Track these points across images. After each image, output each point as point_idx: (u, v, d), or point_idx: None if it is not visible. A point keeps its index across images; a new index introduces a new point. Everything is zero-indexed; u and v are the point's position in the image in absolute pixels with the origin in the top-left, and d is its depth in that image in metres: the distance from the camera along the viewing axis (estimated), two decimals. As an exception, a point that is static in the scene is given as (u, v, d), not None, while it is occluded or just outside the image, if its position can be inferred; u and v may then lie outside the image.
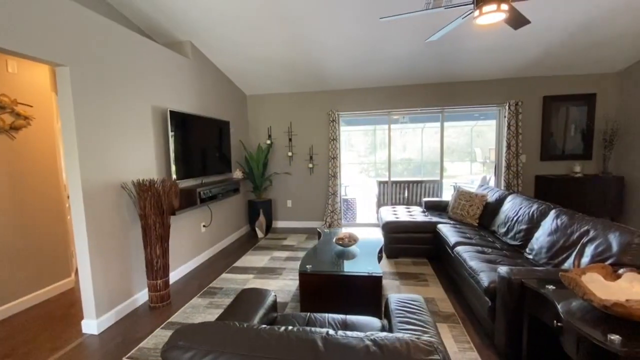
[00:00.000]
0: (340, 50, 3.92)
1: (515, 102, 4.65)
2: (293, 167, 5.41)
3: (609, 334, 1.24)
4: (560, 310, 1.47)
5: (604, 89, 4.63)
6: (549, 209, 2.66)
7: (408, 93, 5.05)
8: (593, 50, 3.98)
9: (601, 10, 3.12)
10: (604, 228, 2.05)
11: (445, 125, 5.14)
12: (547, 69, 4.52)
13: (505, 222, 3.15)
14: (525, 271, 1.88)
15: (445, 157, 8.69)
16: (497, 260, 2.47)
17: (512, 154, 4.71)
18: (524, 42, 3.74)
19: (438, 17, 3.15)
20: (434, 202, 4.51)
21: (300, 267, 2.42)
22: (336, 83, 4.95)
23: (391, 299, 1.59)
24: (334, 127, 5.09)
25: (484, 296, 2.11)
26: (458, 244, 2.91)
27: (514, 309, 1.84)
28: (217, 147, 4.13)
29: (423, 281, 3.14)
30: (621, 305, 1.28)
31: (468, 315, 2.48)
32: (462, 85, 4.91)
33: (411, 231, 3.74)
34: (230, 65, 4.36)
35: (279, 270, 3.53)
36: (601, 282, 1.56)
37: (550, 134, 4.82)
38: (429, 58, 4.14)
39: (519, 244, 2.80)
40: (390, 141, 5.34)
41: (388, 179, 5.47)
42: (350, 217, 5.91)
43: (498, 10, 1.91)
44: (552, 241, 2.36)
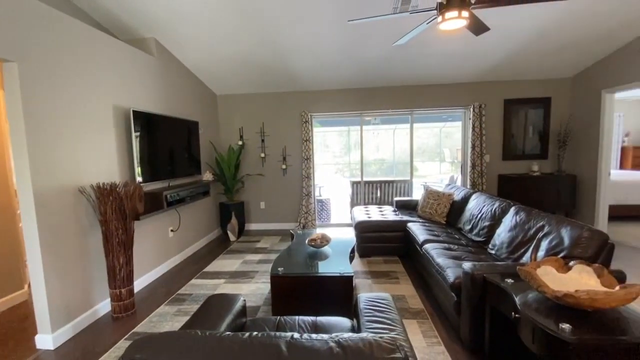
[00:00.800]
0: (311, 51, 3.92)
1: (479, 104, 4.88)
2: (266, 169, 5.35)
3: (561, 323, 1.33)
4: (517, 302, 1.55)
5: (558, 93, 4.97)
6: (509, 206, 2.81)
7: (379, 95, 5.15)
8: (547, 57, 4.26)
9: (552, 20, 3.34)
10: (557, 223, 2.20)
11: (415, 126, 5.29)
12: (507, 74, 4.78)
13: (470, 220, 3.29)
14: (487, 266, 1.97)
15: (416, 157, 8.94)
16: (463, 257, 2.57)
17: (476, 154, 4.94)
18: (485, 48, 3.93)
19: (405, 22, 3.24)
20: (404, 201, 4.63)
21: (272, 270, 2.39)
22: (309, 84, 4.96)
23: (360, 299, 1.60)
24: (307, 128, 5.09)
25: (450, 291, 2.19)
26: (426, 241, 3.01)
27: (477, 302, 1.92)
28: (186, 148, 4.00)
29: (394, 279, 3.21)
30: (571, 296, 1.37)
31: (436, 311, 2.57)
32: (430, 88, 5.08)
33: (383, 230, 3.81)
34: (199, 64, 4.23)
35: (252, 274, 3.47)
36: (554, 274, 1.66)
37: (511, 135, 5.10)
38: (398, 61, 4.25)
39: (483, 240, 2.94)
40: (362, 142, 5.42)
41: (361, 179, 5.54)
42: (325, 218, 5.94)
43: (459, 17, 2.00)
44: (512, 237, 2.50)
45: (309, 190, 5.19)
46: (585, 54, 4.21)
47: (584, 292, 1.36)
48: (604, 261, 1.91)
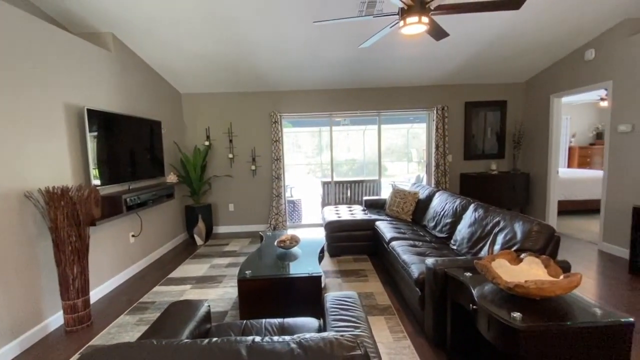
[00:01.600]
0: (279, 51, 3.90)
1: (442, 107, 5.10)
2: (234, 170, 5.23)
3: (512, 312, 1.42)
4: (475, 294, 1.64)
5: (513, 97, 5.32)
6: (469, 203, 2.96)
7: (348, 96, 5.22)
8: (503, 63, 4.54)
9: (505, 28, 3.57)
10: (511, 219, 2.35)
11: (384, 127, 5.43)
12: (468, 78, 5.04)
13: (434, 217, 3.43)
14: (448, 261, 2.06)
15: (385, 157, 9.14)
16: (427, 253, 2.67)
17: (440, 154, 5.15)
18: (446, 53, 4.12)
19: (371, 26, 3.31)
20: (373, 200, 4.73)
21: (239, 274, 2.34)
22: (277, 84, 4.92)
23: (327, 298, 1.61)
24: (277, 129, 5.05)
25: (415, 287, 2.26)
26: (393, 239, 3.09)
27: (439, 296, 2.00)
28: (148, 149, 3.81)
29: (363, 277, 3.26)
30: (521, 286, 1.47)
31: (403, 306, 2.65)
32: (396, 91, 5.23)
33: (352, 229, 3.87)
34: (161, 61, 4.05)
35: (219, 278, 3.38)
36: (507, 266, 1.77)
37: (471, 136, 5.38)
38: (365, 63, 4.33)
39: (446, 236, 3.07)
40: (332, 143, 5.46)
41: (331, 180, 5.58)
42: (296, 218, 5.92)
43: (419, 22, 2.07)
44: (471, 232, 2.64)
45: (280, 191, 5.15)
46: (535, 61, 4.54)
47: (532, 282, 1.46)
48: (551, 252, 2.06)
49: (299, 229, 5.36)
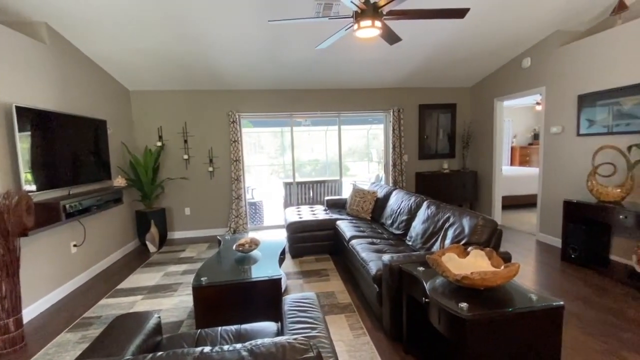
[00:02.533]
0: (236, 50, 3.79)
1: (398, 108, 5.30)
2: (190, 171, 5.00)
3: (460, 303, 1.51)
4: (427, 287, 1.72)
5: (461, 100, 5.68)
6: (423, 201, 3.11)
7: (308, 97, 5.23)
8: (452, 68, 4.84)
9: (452, 36, 3.80)
10: (459, 214, 2.50)
11: (345, 128, 5.52)
12: (421, 81, 5.29)
13: (391, 215, 3.55)
14: (403, 257, 2.14)
15: (347, 157, 9.28)
16: (384, 250, 2.76)
17: (397, 154, 5.36)
18: (400, 57, 4.29)
19: (328, 27, 3.35)
20: (334, 200, 4.78)
21: (194, 280, 2.24)
22: (235, 83, 4.79)
23: (286, 301, 1.60)
24: (235, 129, 4.91)
25: (373, 283, 2.33)
26: (353, 237, 3.15)
27: (396, 291, 2.08)
28: (92, 150, 3.51)
29: (325, 276, 3.29)
30: (467, 278, 1.57)
31: (362, 303, 2.71)
32: (355, 92, 5.35)
33: (314, 229, 3.88)
34: (106, 55, 3.75)
35: (174, 287, 3.21)
36: (456, 259, 1.88)
37: (425, 137, 5.66)
38: (323, 65, 4.37)
39: (402, 233, 3.20)
40: (293, 143, 5.44)
41: (293, 180, 5.56)
42: (258, 221, 5.80)
43: (373, 26, 2.14)
44: (425, 228, 2.77)
45: (239, 193, 5.02)
46: (480, 68, 4.89)
47: (477, 274, 1.56)
48: (495, 245, 2.23)
49: (261, 231, 5.27)
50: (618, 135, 3.25)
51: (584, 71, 3.60)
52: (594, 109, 3.49)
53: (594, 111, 3.50)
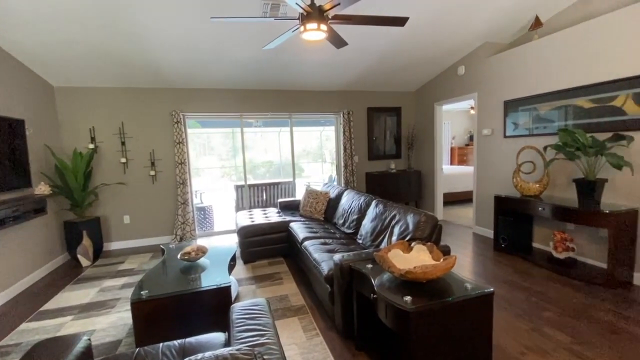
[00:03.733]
0: (180, 47, 3.58)
1: (348, 111, 5.44)
2: (129, 176, 4.60)
3: (405, 296, 1.58)
4: (375, 284, 1.78)
5: (406, 104, 6.01)
6: (372, 200, 3.22)
7: (258, 97, 5.13)
8: (397, 74, 5.10)
9: (395, 43, 4.01)
10: (404, 212, 2.63)
11: (299, 129, 5.53)
12: (369, 85, 5.50)
13: (342, 214, 3.63)
14: (353, 256, 2.19)
15: (302, 158, 9.28)
16: (336, 249, 2.80)
17: (348, 155, 5.49)
18: (348, 61, 4.41)
19: (277, 28, 3.32)
20: (288, 202, 4.75)
21: (133, 295, 2.06)
22: (179, 81, 4.52)
23: (234, 309, 1.54)
24: (180, 129, 4.63)
25: (325, 283, 2.35)
26: (306, 239, 3.15)
27: (346, 290, 2.12)
28: (6, 154, 3.05)
29: (278, 280, 3.24)
30: (410, 272, 1.65)
31: (316, 304, 2.72)
32: (306, 94, 5.38)
33: (267, 233, 3.81)
34: (25, 46, 3.28)
35: (112, 303, 2.92)
36: (401, 255, 1.97)
37: (374, 138, 5.89)
38: (273, 65, 4.32)
39: (353, 232, 3.28)
40: (243, 144, 5.29)
41: (244, 183, 5.41)
42: (208, 226, 5.54)
43: (319, 30, 2.16)
44: (373, 226, 2.87)
45: (186, 197, 4.74)
46: (421, 74, 5.22)
47: (419, 268, 1.65)
48: (436, 239, 2.38)
49: (212, 237, 5.04)
50: (537, 137, 3.69)
51: (508, 79, 4.03)
52: (517, 113, 3.92)
53: (517, 115, 3.93)
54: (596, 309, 2.46)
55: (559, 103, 3.41)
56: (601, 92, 3.02)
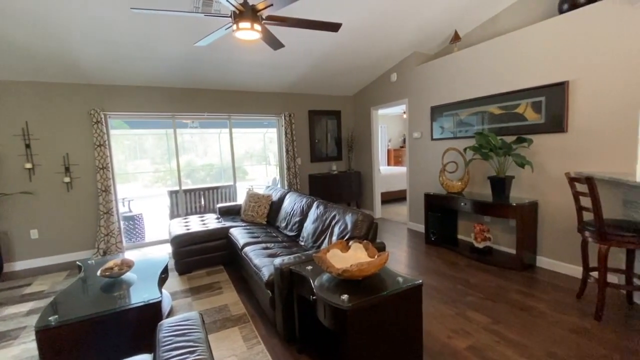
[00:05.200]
0: (97, 38, 3.20)
1: (289, 113, 5.44)
2: (37, 184, 3.97)
3: (342, 295, 1.62)
4: (314, 285, 1.78)
5: (345, 107, 6.22)
6: (313, 201, 3.25)
7: (193, 97, 4.84)
8: (335, 78, 5.24)
9: (332, 48, 4.12)
10: (344, 212, 2.70)
11: (241, 131, 5.34)
12: (309, 88, 5.56)
13: (285, 217, 3.60)
14: (293, 259, 2.17)
15: (246, 161, 9.00)
16: (278, 253, 2.76)
17: (290, 157, 5.48)
18: (288, 63, 4.40)
19: (210, 24, 3.16)
20: (228, 207, 4.56)
21: (39, 322, 1.77)
22: (99, 76, 4.05)
23: (161, 327, 1.41)
24: (101, 130, 4.15)
25: (266, 289, 2.29)
26: (246, 244, 3.05)
27: (287, 294, 2.09)
28: None
29: (217, 290, 3.08)
30: (347, 271, 1.69)
31: (257, 311, 2.64)
32: (246, 95, 5.23)
33: (204, 241, 3.60)
34: None
35: (15, 333, 2.48)
36: (340, 255, 2.01)
37: (316, 141, 5.97)
38: (209, 64, 4.11)
39: (295, 234, 3.27)
40: (177, 147, 4.95)
41: (179, 188, 5.05)
42: (138, 237, 5.05)
43: (252, 29, 2.11)
44: (315, 227, 2.89)
45: (110, 206, 4.26)
46: (358, 79, 5.45)
47: (355, 266, 1.70)
48: (372, 236, 2.49)
49: (143, 249, 4.60)
50: (460, 139, 4.09)
51: (434, 87, 4.41)
52: (442, 118, 4.31)
53: (443, 120, 4.31)
54: (509, 291, 2.81)
55: (476, 109, 3.84)
56: (507, 100, 3.47)
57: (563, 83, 2.97)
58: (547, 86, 3.09)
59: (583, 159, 2.91)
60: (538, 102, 3.19)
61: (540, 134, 3.21)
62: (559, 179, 3.09)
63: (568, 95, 2.96)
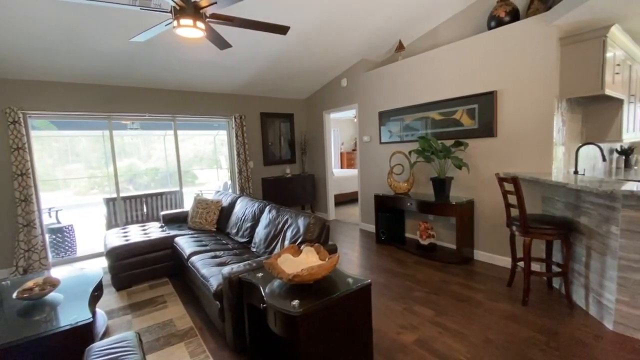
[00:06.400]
0: (16, 27, 2.80)
1: (240, 115, 5.28)
2: None
3: (292, 301, 1.59)
4: (265, 293, 1.73)
5: (298, 110, 6.22)
6: (265, 206, 3.18)
7: (133, 96, 4.48)
8: (287, 81, 5.22)
9: (282, 51, 4.10)
10: (296, 215, 2.69)
11: (189, 133, 5.05)
12: (261, 90, 5.46)
13: (236, 223, 3.48)
14: (243, 267, 2.10)
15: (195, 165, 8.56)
16: (228, 261, 2.65)
17: (242, 160, 5.33)
18: (238, 64, 4.28)
19: (149, 19, 2.95)
20: (174, 214, 4.28)
21: None
22: (16, 71, 3.55)
23: (89, 352, 1.26)
24: (18, 131, 3.63)
25: (214, 300, 2.18)
26: (193, 254, 2.89)
27: (237, 304, 2.01)
28: None
29: (161, 304, 2.86)
30: (298, 275, 1.68)
31: (206, 324, 2.50)
32: (193, 95, 4.98)
33: (146, 252, 3.33)
34: None
35: None
36: (292, 259, 1.99)
37: (269, 144, 5.88)
38: (152, 62, 3.83)
39: (247, 240, 3.17)
40: (114, 150, 4.53)
41: (117, 195, 4.63)
42: (68, 251, 4.51)
43: (195, 27, 2.01)
44: (267, 233, 2.83)
45: (31, 218, 3.74)
46: (310, 83, 5.49)
47: (305, 270, 1.69)
48: (325, 239, 2.50)
49: (75, 264, 4.11)
50: (406, 143, 4.31)
51: (381, 93, 4.60)
52: (390, 122, 4.51)
53: (390, 124, 4.52)
54: (451, 284, 3.01)
55: (419, 115, 4.08)
56: (446, 107, 3.75)
57: (492, 92, 3.29)
58: (479, 95, 3.40)
59: (510, 160, 3.25)
60: (472, 109, 3.49)
61: (474, 138, 3.51)
62: (490, 179, 3.41)
63: (497, 104, 3.29)
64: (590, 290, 2.42)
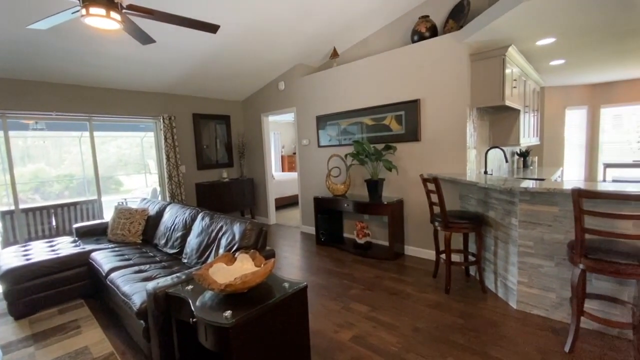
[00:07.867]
0: None
1: (169, 116, 4.92)
2: None
3: (225, 312, 1.52)
4: (195, 306, 1.62)
5: (234, 112, 6.02)
6: (198, 213, 3.00)
7: (36, 92, 3.87)
8: (223, 82, 5.02)
9: (216, 50, 3.94)
10: (231, 222, 2.58)
11: (114, 134, 4.51)
12: (194, 90, 5.16)
13: (165, 233, 3.21)
14: (170, 280, 1.94)
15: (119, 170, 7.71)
16: (154, 276, 2.43)
17: (172, 165, 4.96)
18: (166, 61, 3.98)
19: (55, 5, 2.57)
20: (90, 226, 3.78)
21: None
22: None
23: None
24: None
25: (138, 319, 1.98)
26: (113, 269, 2.58)
27: (163, 321, 1.85)
28: None
29: (74, 330, 2.50)
30: (230, 285, 1.61)
31: (129, 347, 2.26)
32: (113, 93, 4.49)
33: (54, 272, 2.88)
34: None
35: None
36: (225, 268, 1.90)
37: (203, 147, 5.57)
38: (57, 52, 3.35)
39: (177, 251, 2.95)
40: (9, 154, 3.86)
41: (15, 207, 3.94)
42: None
43: (109, 17, 1.81)
44: (199, 242, 2.67)
45: None
46: (247, 85, 5.36)
47: (238, 278, 1.63)
48: (262, 244, 2.44)
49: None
50: (344, 146, 4.46)
51: (318, 98, 4.70)
52: (327, 126, 4.63)
53: (328, 128, 4.63)
54: (384, 279, 3.19)
55: (354, 120, 4.26)
56: (377, 113, 3.98)
57: (416, 100, 3.59)
58: (406, 102, 3.68)
59: (432, 163, 3.57)
60: (400, 116, 3.76)
61: (402, 142, 3.78)
62: (417, 180, 3.71)
63: (420, 111, 3.60)
64: (498, 275, 2.78)
